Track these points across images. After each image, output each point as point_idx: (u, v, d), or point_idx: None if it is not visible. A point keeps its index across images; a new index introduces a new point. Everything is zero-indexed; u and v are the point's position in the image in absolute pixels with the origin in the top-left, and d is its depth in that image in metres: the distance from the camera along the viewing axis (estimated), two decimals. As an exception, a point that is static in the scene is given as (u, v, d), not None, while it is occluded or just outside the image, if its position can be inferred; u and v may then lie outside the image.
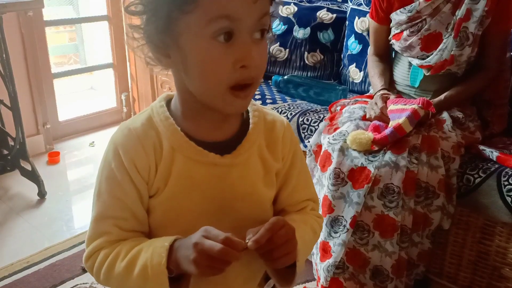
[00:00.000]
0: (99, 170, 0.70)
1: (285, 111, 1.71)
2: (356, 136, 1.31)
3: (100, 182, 0.69)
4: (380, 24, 1.60)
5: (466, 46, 1.41)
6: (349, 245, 1.28)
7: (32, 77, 2.47)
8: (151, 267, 0.62)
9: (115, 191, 0.67)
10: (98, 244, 0.68)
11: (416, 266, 1.34)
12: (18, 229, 1.89)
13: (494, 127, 1.53)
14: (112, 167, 0.67)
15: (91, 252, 0.69)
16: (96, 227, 0.68)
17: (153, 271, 0.62)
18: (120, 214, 0.68)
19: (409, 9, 1.46)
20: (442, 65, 1.44)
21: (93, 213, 0.69)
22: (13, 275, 1.60)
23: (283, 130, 0.75)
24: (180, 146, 0.67)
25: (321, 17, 2.10)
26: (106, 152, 0.69)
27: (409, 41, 1.48)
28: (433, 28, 1.44)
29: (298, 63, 2.11)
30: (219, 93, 0.61)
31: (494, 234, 1.30)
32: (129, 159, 0.66)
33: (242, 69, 0.60)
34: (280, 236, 0.63)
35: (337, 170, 1.30)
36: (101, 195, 0.68)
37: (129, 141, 0.67)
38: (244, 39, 0.59)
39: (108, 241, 0.68)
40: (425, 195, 1.27)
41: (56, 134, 2.70)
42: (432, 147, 1.28)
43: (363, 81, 1.97)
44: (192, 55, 0.60)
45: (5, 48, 1.95)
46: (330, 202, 1.31)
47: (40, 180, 2.11)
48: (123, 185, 0.67)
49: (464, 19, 1.39)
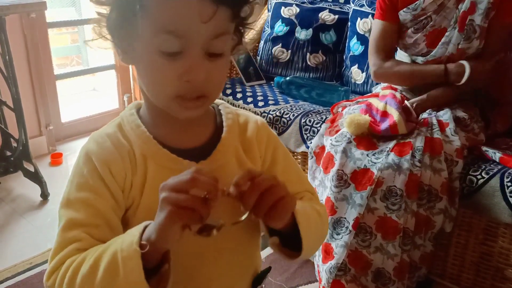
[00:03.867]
0: (68, 182, 0.64)
1: (287, 112, 1.71)
2: (354, 118, 1.32)
3: (68, 192, 0.63)
4: (389, 21, 1.51)
5: (474, 39, 1.41)
6: (351, 247, 1.28)
7: (35, 79, 2.48)
8: (121, 251, 0.54)
9: (86, 198, 0.61)
10: (65, 254, 0.59)
11: (418, 269, 1.34)
12: (21, 230, 1.89)
13: (498, 126, 1.52)
14: (84, 173, 0.62)
15: (56, 265, 0.59)
16: (63, 236, 0.60)
17: (123, 255, 0.53)
18: (92, 221, 0.60)
19: (413, 8, 1.45)
20: (448, 59, 1.44)
21: (60, 225, 0.61)
22: (16, 276, 1.61)
23: (256, 130, 0.72)
24: (153, 154, 0.64)
25: (323, 18, 2.10)
26: (76, 161, 0.64)
27: (414, 38, 1.48)
28: (438, 24, 1.44)
29: (300, 64, 2.11)
30: (165, 101, 0.60)
31: (497, 235, 1.30)
32: (103, 163, 0.62)
33: (187, 83, 0.58)
34: (264, 180, 0.57)
35: (340, 172, 1.30)
36: (70, 204, 0.62)
37: (103, 147, 0.63)
38: (192, 54, 0.57)
39: (77, 248, 0.59)
40: (427, 198, 1.27)
41: (58, 136, 2.70)
42: (435, 150, 1.28)
43: (365, 82, 1.97)
44: (142, 61, 0.60)
45: (8, 49, 1.96)
46: (333, 204, 1.30)
47: (43, 181, 2.11)
48: (97, 190, 0.61)
49: (469, 12, 1.38)
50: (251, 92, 1.92)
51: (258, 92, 1.92)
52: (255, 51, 2.26)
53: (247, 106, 1.83)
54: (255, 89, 1.98)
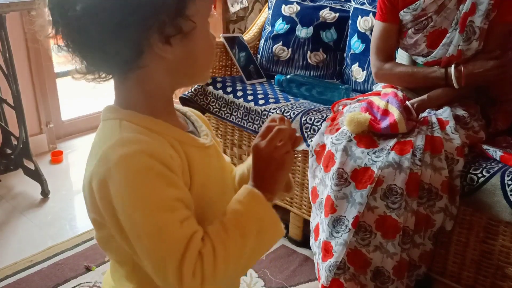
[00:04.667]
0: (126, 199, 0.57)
1: (287, 111, 1.71)
2: (354, 116, 1.31)
3: (144, 202, 0.56)
4: (390, 22, 1.51)
5: (473, 40, 1.40)
6: (351, 246, 1.28)
7: (35, 77, 2.48)
8: (266, 223, 0.63)
9: (171, 193, 0.58)
10: (195, 246, 0.56)
11: (417, 268, 1.34)
12: (21, 228, 1.89)
13: (499, 124, 1.52)
14: (156, 173, 0.57)
15: (192, 261, 0.55)
16: (176, 235, 0.56)
17: (267, 222, 0.63)
18: (186, 213, 0.59)
19: (414, 8, 1.45)
20: (448, 60, 1.43)
21: (155, 236, 0.55)
22: (16, 274, 1.61)
23: (200, 116, 0.82)
24: (183, 139, 0.66)
25: (324, 16, 2.10)
26: (132, 173, 0.57)
27: (414, 39, 1.47)
28: (439, 24, 1.43)
29: (301, 63, 2.11)
30: (208, 70, 0.73)
31: (498, 234, 1.30)
32: (163, 156, 0.59)
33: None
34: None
35: (340, 170, 1.30)
36: (162, 207, 0.56)
37: (150, 142, 0.60)
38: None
39: (200, 238, 0.57)
40: (428, 197, 1.27)
41: (59, 133, 2.71)
42: (436, 148, 1.28)
43: (366, 80, 1.97)
44: (197, 45, 0.65)
45: (9, 47, 1.95)
46: (333, 202, 1.30)
47: (43, 179, 2.12)
48: (175, 182, 0.59)
49: (470, 13, 1.38)
50: (252, 90, 1.91)
51: (259, 90, 1.92)
52: (255, 49, 2.26)
53: (248, 104, 1.82)
54: (255, 87, 1.97)
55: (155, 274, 0.57)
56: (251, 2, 2.67)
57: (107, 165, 0.57)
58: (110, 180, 0.57)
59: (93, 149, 0.64)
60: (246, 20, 2.73)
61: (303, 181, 1.70)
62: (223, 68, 2.17)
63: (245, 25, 2.72)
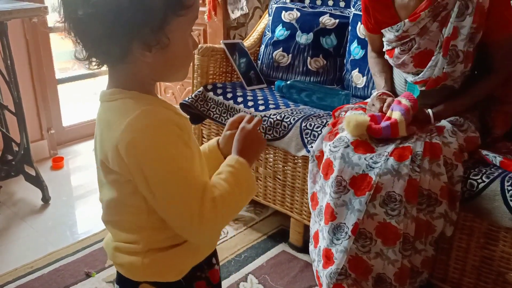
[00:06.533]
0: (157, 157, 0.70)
1: (288, 116, 1.71)
2: (353, 117, 1.31)
3: (171, 159, 0.70)
4: (373, 33, 1.60)
5: (457, 63, 1.39)
6: (352, 253, 1.28)
7: (37, 83, 2.49)
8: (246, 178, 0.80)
9: (189, 152, 0.74)
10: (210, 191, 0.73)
11: (419, 274, 1.34)
12: (22, 234, 1.89)
13: (496, 131, 1.51)
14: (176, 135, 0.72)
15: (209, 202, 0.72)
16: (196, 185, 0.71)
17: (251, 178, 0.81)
18: (198, 168, 0.77)
19: (396, 29, 1.44)
20: (436, 81, 1.43)
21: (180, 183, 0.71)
22: (17, 280, 1.61)
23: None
24: (177, 111, 0.78)
25: (324, 22, 2.11)
26: (159, 136, 0.71)
27: (401, 59, 1.46)
28: (423, 46, 1.42)
29: (301, 68, 2.12)
30: (187, 69, 0.80)
31: (498, 240, 1.30)
32: (181, 123, 0.75)
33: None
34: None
35: (339, 178, 1.30)
36: (180, 164, 0.71)
37: (170, 114, 0.75)
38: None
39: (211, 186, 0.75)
40: (427, 203, 1.27)
41: (60, 140, 2.71)
42: (434, 154, 1.27)
43: (366, 86, 1.97)
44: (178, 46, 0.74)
45: (10, 54, 1.97)
46: (333, 210, 1.30)
47: (44, 185, 2.12)
48: (189, 144, 0.75)
49: (452, 37, 1.36)
50: (252, 96, 1.92)
51: (259, 96, 1.92)
52: (256, 55, 2.27)
53: (248, 110, 1.83)
54: (256, 93, 1.98)
55: (179, 216, 0.71)
56: (252, 8, 2.68)
57: (134, 133, 0.70)
58: (139, 143, 0.69)
59: (111, 124, 0.73)
60: (246, 26, 2.74)
61: (303, 187, 1.70)
62: (224, 74, 2.17)
63: (245, 31, 2.73)
